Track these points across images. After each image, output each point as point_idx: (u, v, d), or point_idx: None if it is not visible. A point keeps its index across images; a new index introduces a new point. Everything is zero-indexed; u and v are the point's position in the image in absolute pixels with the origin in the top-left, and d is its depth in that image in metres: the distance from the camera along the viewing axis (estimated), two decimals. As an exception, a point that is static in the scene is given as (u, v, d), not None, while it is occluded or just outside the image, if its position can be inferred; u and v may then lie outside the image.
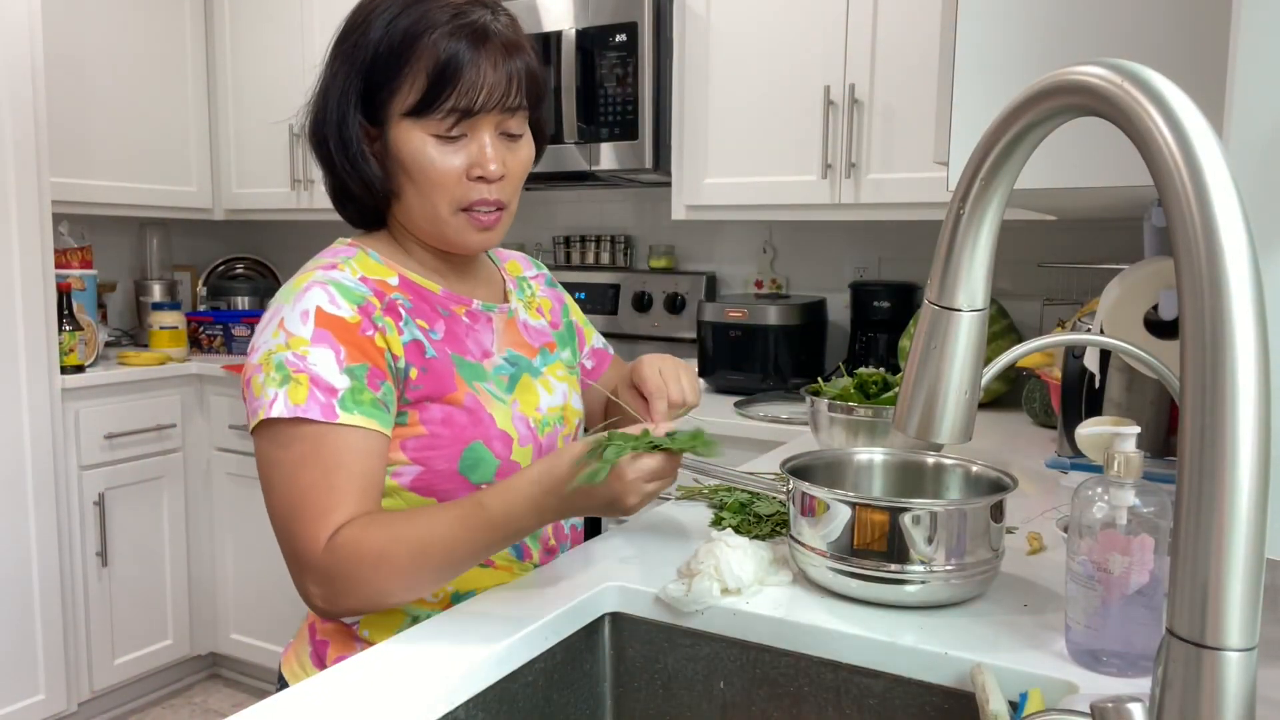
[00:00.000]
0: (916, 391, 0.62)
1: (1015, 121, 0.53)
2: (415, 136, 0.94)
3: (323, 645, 1.02)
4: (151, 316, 3.01)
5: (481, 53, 0.92)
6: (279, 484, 0.90)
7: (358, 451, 0.90)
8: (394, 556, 0.86)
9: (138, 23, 3.00)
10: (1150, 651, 0.78)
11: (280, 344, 0.90)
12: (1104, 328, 1.20)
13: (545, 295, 1.19)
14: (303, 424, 0.88)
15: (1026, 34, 1.14)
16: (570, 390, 1.12)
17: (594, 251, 2.94)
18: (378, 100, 0.95)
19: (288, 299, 0.94)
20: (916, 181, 2.14)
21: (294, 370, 0.89)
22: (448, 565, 0.89)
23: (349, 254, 0.99)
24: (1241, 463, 0.42)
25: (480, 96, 0.93)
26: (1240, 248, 0.42)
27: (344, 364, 0.90)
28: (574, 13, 2.46)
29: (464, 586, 1.01)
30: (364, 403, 0.91)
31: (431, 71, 0.92)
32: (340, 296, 0.93)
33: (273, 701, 0.76)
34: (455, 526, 0.87)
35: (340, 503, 0.88)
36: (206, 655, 3.05)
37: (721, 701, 0.94)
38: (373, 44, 0.94)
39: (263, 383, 0.90)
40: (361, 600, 0.89)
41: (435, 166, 0.94)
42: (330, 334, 0.91)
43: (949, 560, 0.91)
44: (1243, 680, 0.43)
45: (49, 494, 2.53)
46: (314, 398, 0.88)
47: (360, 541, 0.86)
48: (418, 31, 0.92)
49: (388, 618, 0.99)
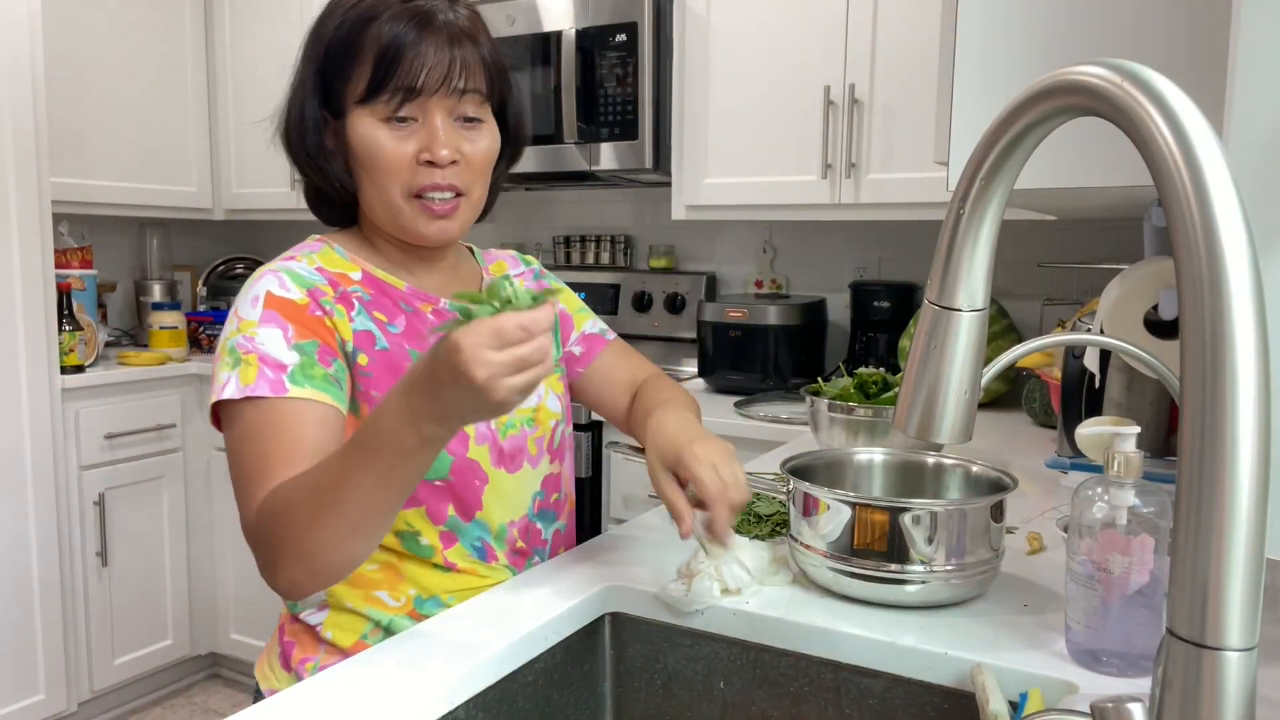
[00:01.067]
0: (916, 391, 0.62)
1: (1015, 121, 0.53)
2: (366, 123, 0.94)
3: (289, 646, 1.01)
4: (151, 316, 3.01)
5: (425, 35, 0.92)
6: (232, 464, 0.89)
7: (305, 421, 0.87)
8: (296, 506, 0.81)
9: (138, 23, 3.00)
10: (1150, 651, 0.78)
11: (233, 330, 0.92)
12: (1104, 328, 1.20)
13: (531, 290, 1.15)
14: (254, 401, 0.88)
15: (1026, 34, 1.14)
16: (547, 392, 1.08)
17: (594, 251, 2.94)
18: (334, 91, 0.96)
19: (245, 289, 0.95)
20: (916, 181, 2.14)
21: (244, 352, 0.89)
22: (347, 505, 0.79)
23: (313, 249, 1.00)
24: (1241, 463, 0.42)
25: (422, 76, 0.92)
26: (1240, 248, 0.42)
27: (292, 341, 0.90)
28: (574, 13, 2.46)
29: (428, 591, 0.99)
30: (314, 377, 0.90)
31: (377, 55, 0.92)
32: (290, 281, 0.94)
33: (273, 701, 0.76)
34: (337, 458, 0.80)
35: (276, 470, 0.85)
36: (206, 655, 3.05)
37: (721, 701, 0.94)
38: (329, 34, 0.95)
39: (217, 369, 0.91)
40: (292, 561, 0.82)
41: (385, 151, 0.94)
42: (277, 314, 0.91)
43: (949, 560, 0.91)
44: (1243, 680, 0.43)
45: (49, 494, 2.53)
46: (263, 375, 0.88)
47: (273, 500, 0.83)
48: (367, 19, 0.93)
49: (350, 619, 0.98)
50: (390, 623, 0.98)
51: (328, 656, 0.98)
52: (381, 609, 0.98)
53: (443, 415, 0.75)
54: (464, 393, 0.72)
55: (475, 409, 0.74)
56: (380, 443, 0.77)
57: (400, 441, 0.76)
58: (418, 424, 0.76)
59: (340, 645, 0.98)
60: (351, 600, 0.98)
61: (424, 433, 0.76)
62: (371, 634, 0.98)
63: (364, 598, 0.98)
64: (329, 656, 0.98)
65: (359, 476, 0.78)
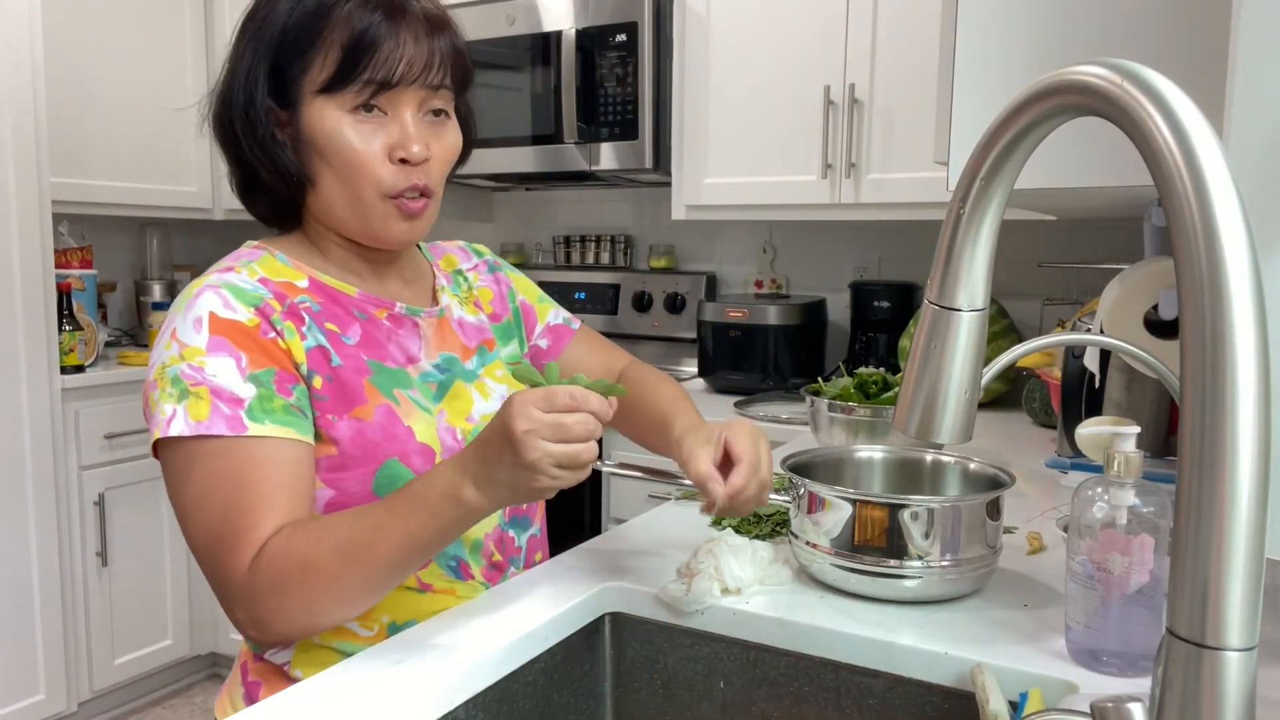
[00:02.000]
0: (916, 391, 0.62)
1: (1015, 121, 0.53)
2: (330, 115, 0.87)
3: (255, 686, 0.94)
4: (151, 316, 3.01)
5: (401, 24, 0.87)
6: (191, 510, 0.82)
7: (275, 462, 0.82)
8: (320, 561, 0.78)
9: (138, 23, 3.00)
10: (1150, 651, 0.78)
11: (174, 355, 0.83)
12: (1104, 328, 1.20)
13: (485, 285, 1.10)
14: (208, 441, 0.81)
15: (1026, 34, 1.14)
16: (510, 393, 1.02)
17: (594, 251, 2.94)
18: (287, 78, 0.88)
19: (180, 307, 0.87)
20: (916, 181, 2.14)
21: (191, 384, 0.82)
22: (380, 562, 0.79)
23: (251, 257, 0.93)
24: (1241, 463, 0.42)
25: (400, 68, 0.86)
26: (1240, 248, 0.42)
27: (246, 371, 0.83)
28: (574, 13, 2.46)
29: (402, 616, 0.93)
30: (274, 410, 0.83)
31: (346, 43, 0.85)
32: (235, 299, 0.86)
33: (273, 701, 0.76)
34: (378, 513, 0.79)
35: (260, 521, 0.80)
36: (206, 655, 3.05)
37: (721, 701, 0.94)
38: (280, 19, 0.88)
39: (158, 399, 0.83)
40: (294, 621, 0.80)
41: (353, 147, 0.87)
42: (227, 340, 0.84)
43: (944, 555, 0.91)
44: (1243, 680, 0.43)
45: (49, 494, 2.53)
46: (217, 411, 0.81)
47: (285, 554, 0.79)
48: (330, 4, 0.87)
49: (320, 654, 0.91)
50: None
51: None
52: (353, 640, 0.92)
53: (485, 480, 0.76)
54: (505, 451, 0.74)
55: (512, 473, 0.75)
56: (418, 500, 0.78)
57: (439, 501, 0.78)
58: (460, 487, 0.77)
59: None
60: (320, 635, 0.91)
61: (463, 498, 0.77)
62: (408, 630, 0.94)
63: (334, 632, 0.91)
64: None
65: (390, 534, 0.78)
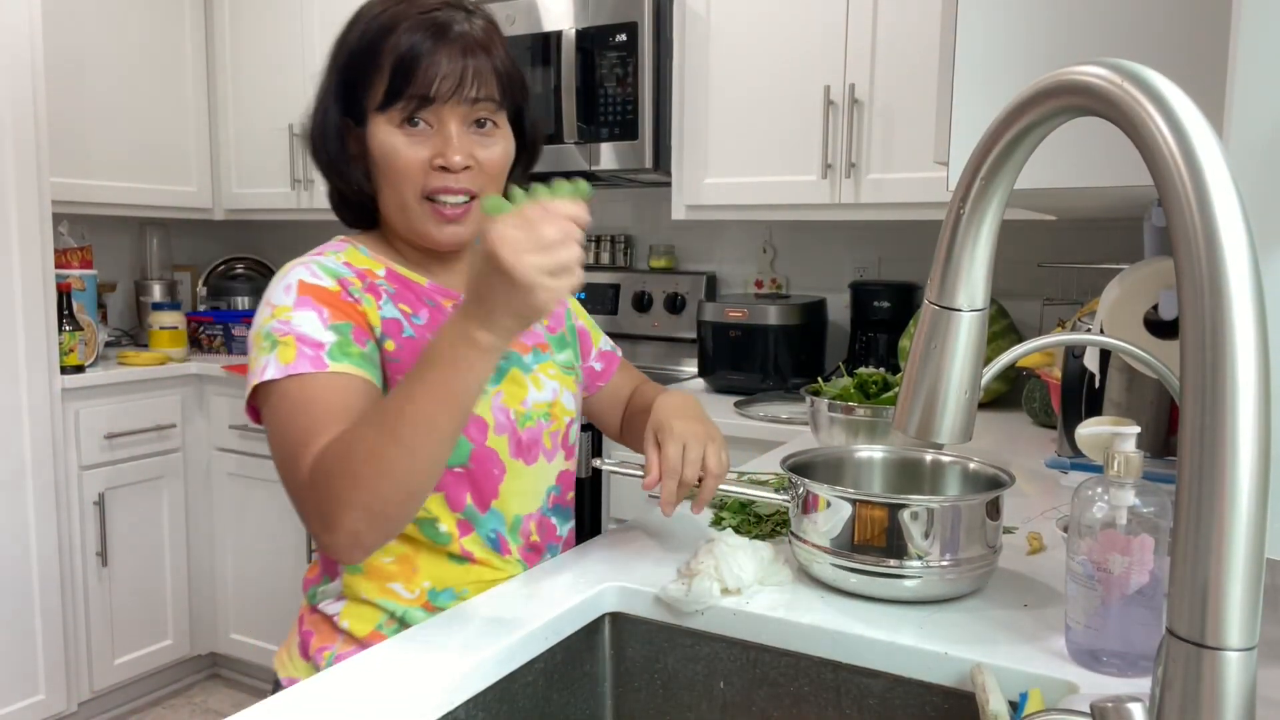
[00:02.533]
0: (916, 391, 0.62)
1: (1015, 121, 0.53)
2: (383, 129, 0.97)
3: (308, 636, 1.03)
4: (151, 316, 3.01)
5: (440, 46, 0.95)
6: (276, 439, 0.90)
7: (348, 391, 0.90)
8: (360, 440, 0.83)
9: (137, 23, 3.00)
10: (1150, 651, 0.78)
11: (267, 316, 0.94)
12: (1104, 328, 1.20)
13: None
14: (294, 379, 0.90)
15: (1026, 34, 1.14)
16: (562, 389, 1.10)
17: (594, 251, 2.94)
18: (355, 99, 0.99)
19: (275, 282, 0.98)
20: (916, 181, 2.14)
21: (280, 335, 0.92)
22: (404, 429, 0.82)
23: (338, 248, 1.03)
24: (1241, 463, 0.42)
25: (436, 85, 0.94)
26: (1240, 248, 0.42)
27: (328, 322, 0.93)
28: (574, 13, 2.46)
29: (442, 583, 1.00)
30: (352, 355, 0.92)
31: (394, 64, 0.95)
32: (321, 271, 0.97)
33: (272, 702, 0.76)
34: (403, 385, 0.84)
35: (324, 432, 0.86)
36: (206, 655, 3.05)
37: (721, 701, 0.94)
38: (350, 44, 0.99)
39: (255, 354, 0.93)
40: (353, 509, 0.83)
41: (400, 155, 0.96)
42: (311, 298, 0.94)
43: (944, 555, 0.91)
44: (1243, 680, 0.43)
45: (49, 494, 2.53)
46: (302, 354, 0.90)
47: (331, 447, 0.85)
48: (387, 29, 0.96)
49: (366, 610, 1.00)
50: (404, 614, 0.99)
51: (344, 645, 1.00)
52: (396, 600, 1.00)
53: (487, 315, 0.79)
54: (496, 280, 0.77)
55: (508, 297, 0.77)
56: (435, 355, 0.82)
57: (453, 349, 0.81)
58: (468, 330, 0.80)
59: (356, 635, 1.00)
60: (367, 592, 1.00)
61: (474, 339, 0.80)
62: (386, 624, 1.00)
63: (379, 589, 1.00)
64: (345, 645, 1.00)
65: (416, 393, 0.82)
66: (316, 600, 1.04)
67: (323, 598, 1.03)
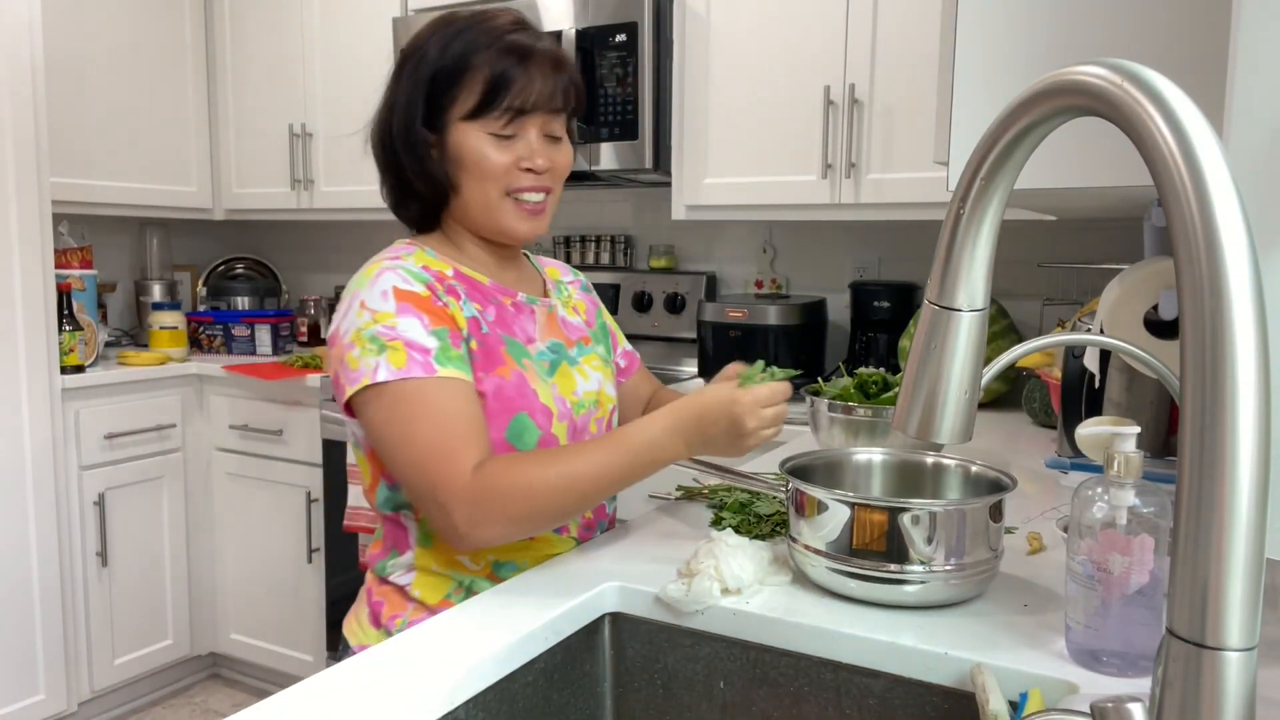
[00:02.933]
0: (916, 391, 0.62)
1: (1015, 121, 0.53)
2: (474, 135, 1.07)
3: (379, 605, 1.11)
4: (151, 316, 3.01)
5: (531, 64, 1.07)
6: (400, 439, 1.00)
7: (461, 398, 1.01)
8: (545, 481, 0.98)
9: (138, 23, 3.00)
10: (1150, 651, 0.78)
11: (367, 320, 1.02)
12: (1104, 328, 1.20)
13: (580, 298, 1.31)
14: (408, 382, 0.99)
15: (1026, 34, 1.14)
16: (605, 379, 1.22)
17: (594, 251, 2.95)
18: (437, 108, 1.09)
19: (362, 285, 1.05)
20: (916, 181, 2.14)
21: (388, 340, 1.01)
22: (593, 491, 0.99)
23: (408, 250, 1.11)
24: (1241, 463, 0.42)
25: (532, 98, 1.07)
26: (1240, 248, 0.42)
27: (429, 328, 1.02)
28: (574, 13, 2.46)
29: (504, 556, 1.10)
30: (454, 359, 1.03)
31: (489, 79, 1.06)
32: (410, 276, 1.06)
33: (272, 702, 0.76)
34: (601, 453, 1.00)
35: (465, 440, 0.99)
36: (206, 655, 3.05)
37: (721, 701, 0.94)
38: (432, 62, 1.08)
39: (358, 356, 1.01)
40: (507, 523, 0.99)
41: (490, 159, 1.08)
42: (411, 305, 1.03)
43: (948, 560, 0.91)
44: (1243, 680, 0.43)
45: (49, 494, 2.53)
46: (413, 359, 1.00)
47: (508, 472, 0.98)
48: (474, 49, 1.07)
49: (436, 580, 1.09)
50: (471, 583, 1.09)
51: (415, 613, 1.08)
52: (464, 571, 1.09)
53: (698, 442, 1.01)
54: (729, 432, 1.00)
55: (726, 445, 1.02)
56: (640, 440, 1.00)
57: (655, 448, 1.00)
58: (674, 441, 1.01)
59: (427, 603, 1.09)
60: (437, 564, 1.09)
61: (674, 449, 1.01)
62: (455, 593, 1.09)
63: (448, 561, 1.09)
64: (417, 613, 1.08)
65: (611, 464, 0.99)
66: (386, 573, 1.12)
67: (392, 570, 1.11)
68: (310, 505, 2.73)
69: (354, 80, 2.92)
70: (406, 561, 1.10)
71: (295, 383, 2.71)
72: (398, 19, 2.74)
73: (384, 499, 1.11)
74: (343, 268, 3.56)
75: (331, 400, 2.63)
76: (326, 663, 2.76)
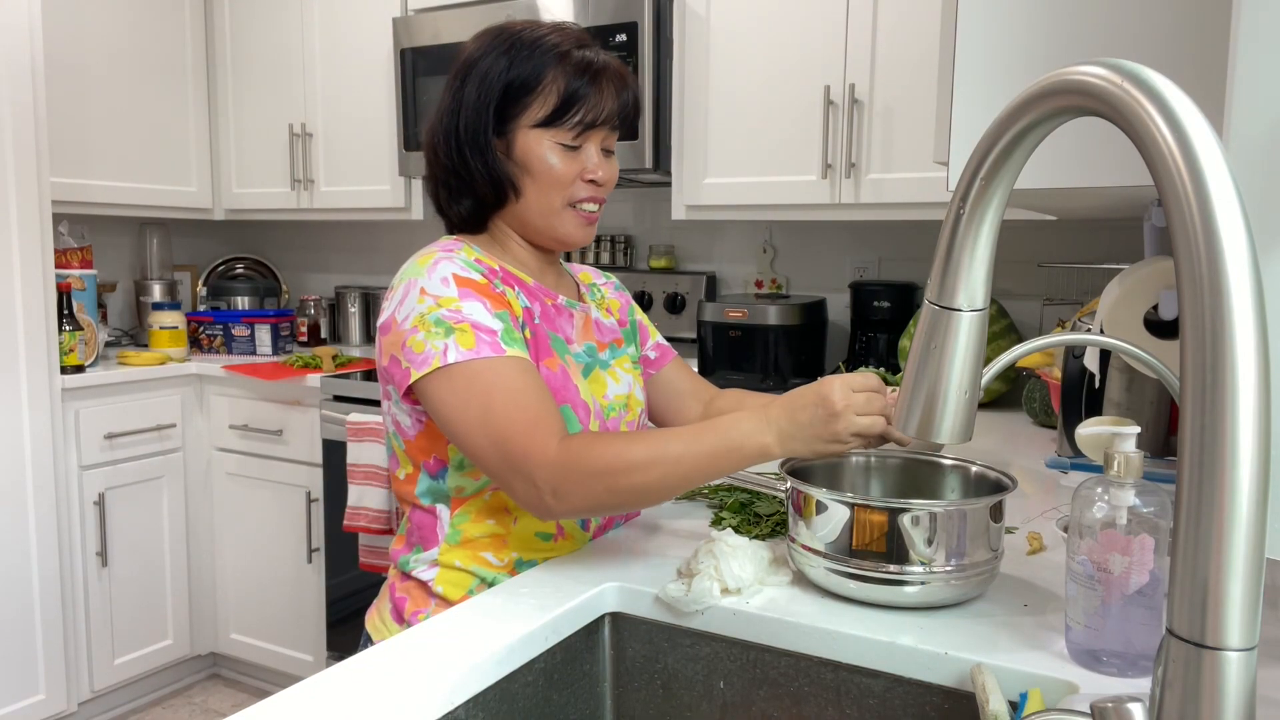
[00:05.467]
0: (916, 391, 0.62)
1: (1015, 121, 0.53)
2: (544, 143, 1.11)
3: (401, 601, 1.13)
4: (151, 316, 3.01)
5: (603, 80, 1.13)
6: (478, 417, 1.00)
7: (530, 375, 1.03)
8: (634, 457, 0.97)
9: (138, 23, 3.00)
10: (1150, 651, 0.78)
11: (431, 305, 1.04)
12: (1104, 328, 1.20)
13: (614, 297, 1.34)
14: (479, 362, 1.01)
15: (1026, 34, 1.14)
16: (634, 382, 1.25)
17: (594, 251, 2.95)
18: (507, 115, 1.12)
19: (419, 274, 1.07)
20: (916, 181, 2.14)
21: (454, 322, 1.03)
22: (678, 473, 0.98)
23: (457, 245, 1.13)
24: (1241, 463, 0.42)
25: (603, 114, 1.13)
26: (1240, 248, 0.42)
27: (492, 311, 1.05)
28: (574, 13, 2.46)
29: (526, 554, 1.11)
30: (517, 340, 1.05)
31: (563, 93, 1.11)
32: (466, 266, 1.08)
33: (272, 702, 0.76)
34: (689, 435, 0.99)
35: (545, 415, 1.00)
36: (206, 655, 3.05)
37: (721, 701, 0.94)
38: (503, 72, 1.12)
39: (424, 339, 1.03)
40: (590, 498, 0.98)
41: (558, 168, 1.12)
42: (472, 290, 1.06)
43: (948, 561, 0.91)
44: (1243, 680, 0.43)
45: (49, 494, 2.53)
46: (481, 340, 1.02)
47: (596, 445, 0.98)
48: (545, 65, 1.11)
49: (459, 576, 1.10)
50: (494, 579, 1.10)
51: (438, 609, 1.09)
52: (487, 567, 1.11)
53: (790, 433, 0.97)
54: (817, 414, 0.96)
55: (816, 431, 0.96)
56: (731, 432, 0.98)
57: (745, 438, 0.97)
58: (766, 436, 0.97)
59: (450, 599, 1.10)
60: (461, 560, 1.11)
61: (766, 444, 0.97)
62: (477, 589, 1.10)
63: (472, 557, 1.11)
64: (439, 609, 1.09)
65: (699, 453, 0.98)
66: (409, 568, 1.13)
67: (416, 565, 1.13)
68: (310, 505, 2.73)
69: (354, 80, 2.92)
70: (430, 557, 1.12)
71: (295, 383, 2.71)
72: (398, 19, 2.74)
73: (424, 489, 1.12)
74: (343, 268, 3.56)
75: (331, 400, 2.62)
76: (326, 662, 2.76)
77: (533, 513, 1.02)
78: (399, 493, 1.16)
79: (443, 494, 1.12)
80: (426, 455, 1.11)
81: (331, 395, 2.64)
